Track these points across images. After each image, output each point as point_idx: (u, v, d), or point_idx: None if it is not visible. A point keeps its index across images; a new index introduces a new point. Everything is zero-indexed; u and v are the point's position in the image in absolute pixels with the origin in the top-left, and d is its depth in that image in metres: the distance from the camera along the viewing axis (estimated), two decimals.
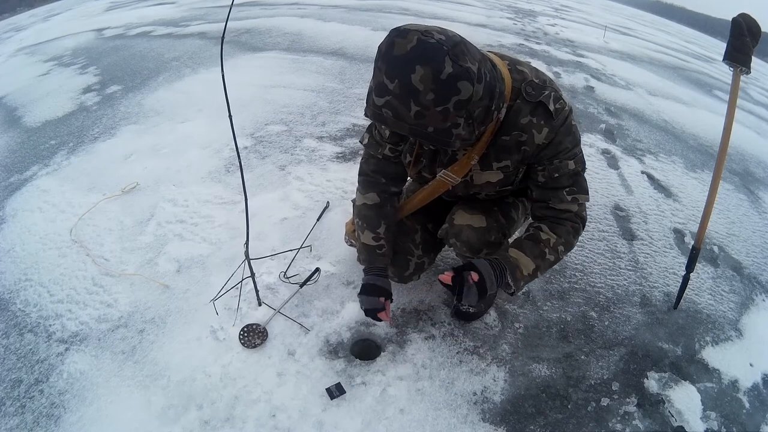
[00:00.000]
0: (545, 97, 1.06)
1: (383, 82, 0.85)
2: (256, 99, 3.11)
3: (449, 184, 1.24)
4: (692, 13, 35.23)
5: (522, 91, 1.07)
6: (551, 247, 1.14)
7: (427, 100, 0.84)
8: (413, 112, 0.85)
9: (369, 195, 1.34)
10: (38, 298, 1.66)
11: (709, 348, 1.59)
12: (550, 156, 1.11)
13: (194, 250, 1.81)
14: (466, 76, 0.84)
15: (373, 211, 1.33)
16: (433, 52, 0.81)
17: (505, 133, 1.11)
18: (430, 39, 0.82)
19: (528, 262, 1.13)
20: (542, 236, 1.16)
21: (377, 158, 1.31)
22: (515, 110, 1.08)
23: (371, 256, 1.33)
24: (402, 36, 0.83)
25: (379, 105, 0.88)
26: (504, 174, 1.18)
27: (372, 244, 1.32)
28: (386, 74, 0.85)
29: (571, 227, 1.16)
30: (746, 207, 2.54)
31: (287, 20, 5.34)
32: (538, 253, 1.14)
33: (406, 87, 0.83)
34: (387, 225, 1.33)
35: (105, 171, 2.41)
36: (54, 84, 3.97)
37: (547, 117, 1.06)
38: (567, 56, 5.14)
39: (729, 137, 1.49)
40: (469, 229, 1.26)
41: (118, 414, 1.27)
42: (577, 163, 1.12)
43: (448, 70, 0.82)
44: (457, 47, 0.83)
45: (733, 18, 1.40)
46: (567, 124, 1.09)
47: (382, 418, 1.26)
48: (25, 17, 9.84)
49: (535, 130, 1.08)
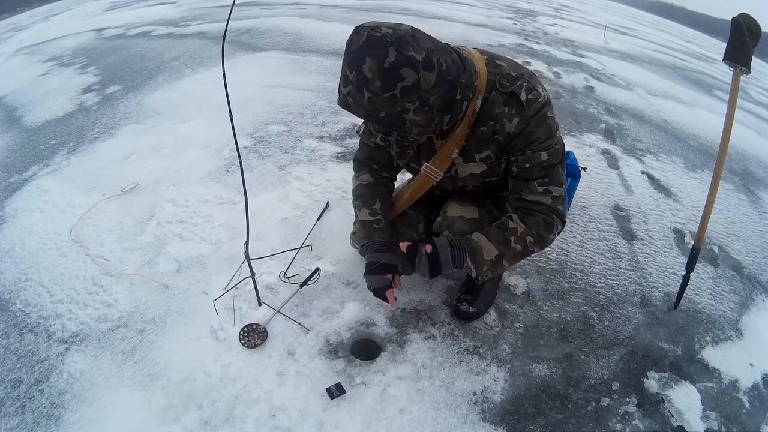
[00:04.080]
0: (517, 87, 1.10)
1: (345, 73, 0.96)
2: (256, 99, 3.12)
3: (434, 178, 1.27)
4: (692, 13, 35.19)
5: (496, 83, 1.11)
6: (518, 236, 1.16)
7: (376, 87, 0.93)
8: (366, 98, 0.95)
9: (363, 176, 1.40)
10: (38, 298, 1.66)
11: (709, 348, 1.59)
12: (522, 146, 1.13)
13: (194, 250, 1.81)
14: (409, 63, 0.91)
15: (367, 189, 1.37)
16: (378, 44, 0.91)
17: (482, 124, 1.15)
18: (377, 33, 0.91)
19: (490, 248, 1.16)
20: (510, 225, 1.18)
21: (369, 146, 1.39)
22: (491, 101, 1.12)
23: (369, 231, 1.34)
24: (357, 32, 0.93)
25: (344, 93, 0.98)
26: (487, 165, 1.21)
27: (369, 219, 1.34)
28: (347, 66, 0.95)
29: (542, 219, 1.17)
30: (746, 207, 2.53)
31: (287, 20, 5.34)
32: (502, 240, 1.16)
33: (359, 76, 0.93)
34: (382, 202, 1.36)
35: (105, 171, 2.41)
36: (54, 84, 3.97)
37: (518, 107, 1.10)
38: (567, 56, 5.14)
39: (729, 137, 1.49)
40: (462, 220, 1.28)
41: (118, 414, 1.27)
42: (551, 155, 1.13)
43: (390, 59, 0.90)
44: (402, 39, 0.91)
45: (733, 18, 1.40)
46: (540, 115, 1.11)
47: (382, 418, 1.26)
48: (25, 17, 9.83)
49: (506, 119, 1.11)
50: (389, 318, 1.53)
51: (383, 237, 1.33)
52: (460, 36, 5.19)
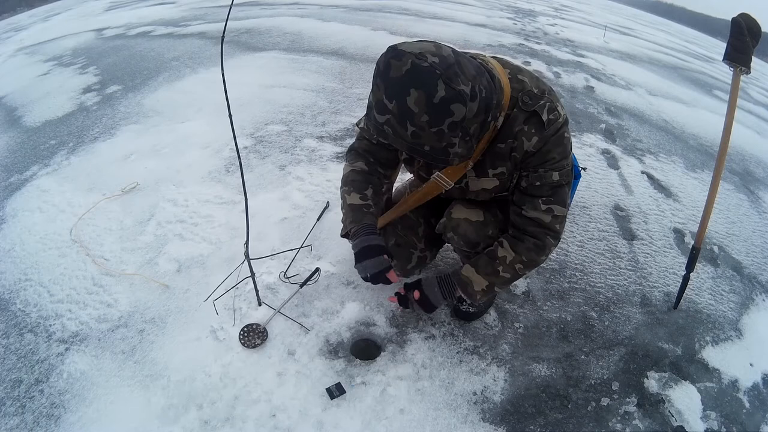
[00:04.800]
0: (540, 107, 1.08)
1: (383, 101, 0.89)
2: (256, 99, 3.11)
3: (443, 187, 1.26)
4: (692, 13, 35.24)
5: (519, 101, 1.09)
6: (507, 264, 1.19)
7: (422, 122, 0.87)
8: (410, 132, 0.89)
9: (357, 164, 1.32)
10: (38, 298, 1.66)
11: (709, 348, 1.59)
12: (536, 164, 1.12)
13: (194, 250, 1.81)
14: (459, 98, 0.86)
15: (360, 175, 1.30)
16: (426, 76, 0.84)
17: (501, 140, 1.13)
18: (424, 63, 0.84)
19: (480, 280, 1.21)
20: (499, 253, 1.20)
21: (370, 142, 1.32)
22: (512, 119, 1.10)
23: (358, 215, 1.25)
24: (397, 58, 0.86)
25: (381, 122, 0.92)
26: (500, 180, 1.20)
27: (359, 203, 1.26)
28: (385, 94, 0.88)
29: (533, 244, 1.17)
30: (746, 207, 2.54)
31: (287, 20, 5.34)
32: (491, 270, 1.20)
33: (402, 109, 0.87)
34: (374, 190, 1.29)
35: (105, 171, 2.41)
36: (54, 84, 3.97)
37: (539, 126, 1.08)
38: (567, 56, 5.14)
39: (729, 137, 1.49)
40: (467, 222, 1.27)
41: (118, 414, 1.27)
42: (562, 176, 1.13)
43: (440, 94, 0.84)
44: (450, 69, 0.85)
45: (733, 18, 1.40)
46: (558, 135, 1.10)
47: (382, 418, 1.26)
48: (25, 17, 9.84)
49: (525, 138, 1.09)
50: (389, 318, 1.53)
51: (372, 221, 1.26)
52: (460, 36, 5.19)
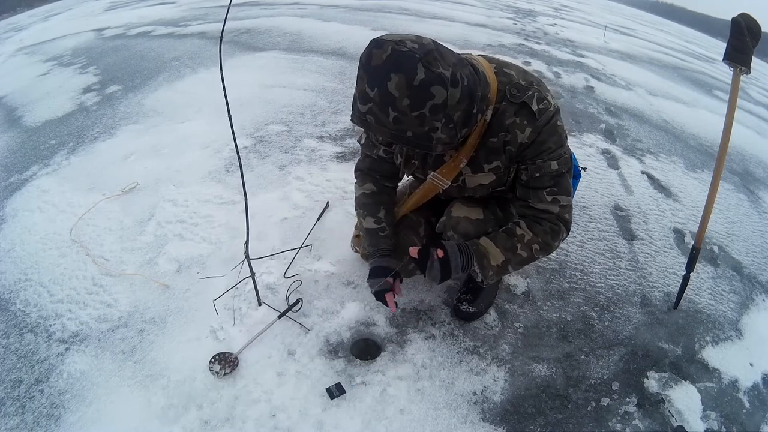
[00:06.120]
0: (528, 97, 1.08)
1: (365, 90, 0.90)
2: (256, 99, 3.11)
3: (440, 186, 1.27)
4: (692, 13, 35.25)
5: (507, 93, 1.09)
6: (525, 243, 1.17)
7: (403, 106, 0.88)
8: (391, 117, 0.90)
9: (366, 185, 1.42)
10: (38, 298, 1.66)
11: (709, 348, 1.59)
12: (533, 156, 1.13)
13: (194, 250, 1.81)
14: (439, 80, 0.87)
15: (371, 198, 1.40)
16: (405, 60, 0.85)
17: (492, 134, 1.13)
18: (403, 48, 0.86)
19: (497, 253, 1.16)
20: (518, 231, 1.18)
21: (372, 158, 1.39)
22: (501, 112, 1.10)
23: (375, 239, 1.38)
24: (378, 46, 0.88)
25: (363, 112, 0.93)
26: (496, 175, 1.21)
27: (374, 227, 1.38)
28: (367, 83, 0.90)
29: (549, 228, 1.17)
30: (746, 207, 2.53)
31: (287, 20, 5.34)
32: (509, 246, 1.17)
33: (384, 94, 0.88)
34: (386, 210, 1.40)
35: (105, 171, 2.41)
36: (54, 84, 3.97)
37: (530, 117, 1.09)
38: (567, 56, 5.14)
39: (729, 137, 1.49)
40: (467, 221, 1.27)
41: (118, 414, 1.27)
42: (560, 164, 1.13)
43: (420, 77, 0.86)
44: (429, 54, 0.87)
45: (733, 18, 1.40)
46: (551, 125, 1.11)
47: (382, 418, 1.26)
48: (25, 17, 9.84)
49: (518, 130, 1.10)
50: (389, 318, 1.53)
51: (388, 245, 1.37)
52: (460, 36, 5.19)
